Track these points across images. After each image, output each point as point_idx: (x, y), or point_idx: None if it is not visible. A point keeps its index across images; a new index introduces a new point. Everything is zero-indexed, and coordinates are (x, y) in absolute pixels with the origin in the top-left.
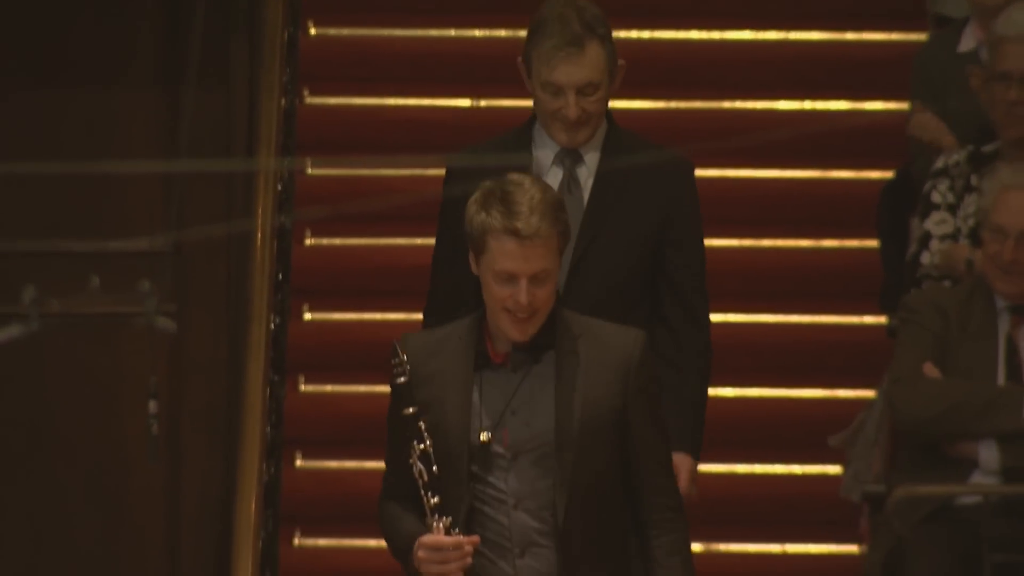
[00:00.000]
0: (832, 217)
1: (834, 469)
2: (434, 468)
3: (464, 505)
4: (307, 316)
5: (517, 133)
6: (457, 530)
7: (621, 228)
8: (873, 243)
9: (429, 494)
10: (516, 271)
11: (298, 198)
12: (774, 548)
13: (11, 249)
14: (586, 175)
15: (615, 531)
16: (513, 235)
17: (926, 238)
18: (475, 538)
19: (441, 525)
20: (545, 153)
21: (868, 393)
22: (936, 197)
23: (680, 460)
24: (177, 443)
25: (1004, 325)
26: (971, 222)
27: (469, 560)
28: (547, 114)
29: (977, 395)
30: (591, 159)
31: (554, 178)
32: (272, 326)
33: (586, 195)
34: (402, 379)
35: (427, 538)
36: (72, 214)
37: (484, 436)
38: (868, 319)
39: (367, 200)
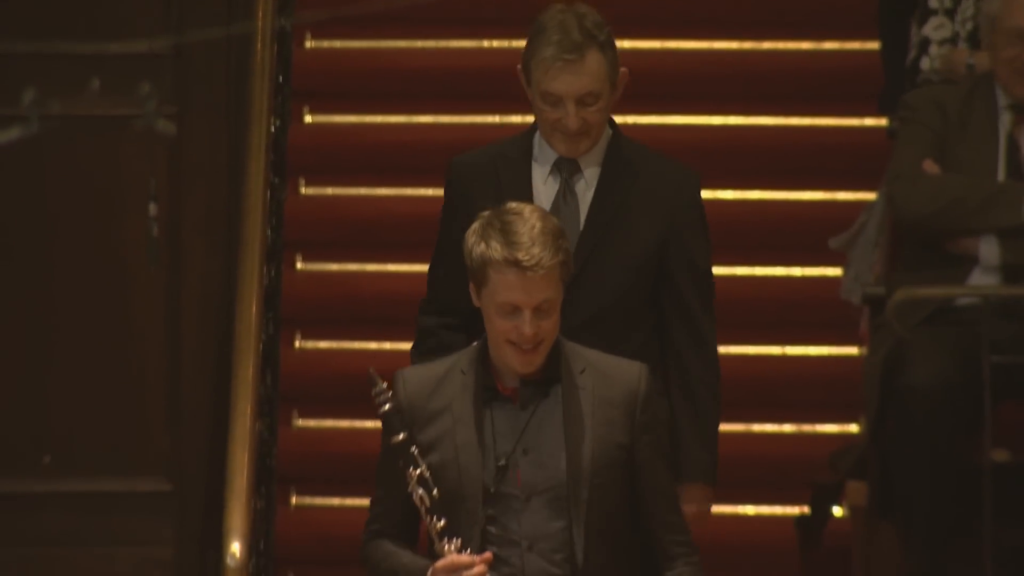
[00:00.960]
0: (833, 19)
1: (834, 271)
2: (434, 492)
3: (476, 545)
4: (307, 119)
5: (516, 141)
6: (469, 550)
7: (621, 243)
8: (874, 45)
9: (434, 518)
10: (519, 303)
11: (299, 0)
12: (774, 350)
13: (11, 51)
14: (584, 187)
15: (630, 569)
16: (514, 266)
17: (925, 43)
18: (488, 555)
19: (452, 547)
20: (543, 162)
21: (868, 195)
22: (933, 2)
23: (695, 490)
24: (177, 247)
25: (1005, 124)
26: (969, 26)
27: None
28: (547, 124)
29: (976, 190)
30: (591, 171)
31: (550, 188)
32: (272, 129)
33: (584, 208)
34: (387, 407)
35: (442, 562)
36: (73, 16)
37: (501, 463)
38: (868, 121)
39: (368, 2)
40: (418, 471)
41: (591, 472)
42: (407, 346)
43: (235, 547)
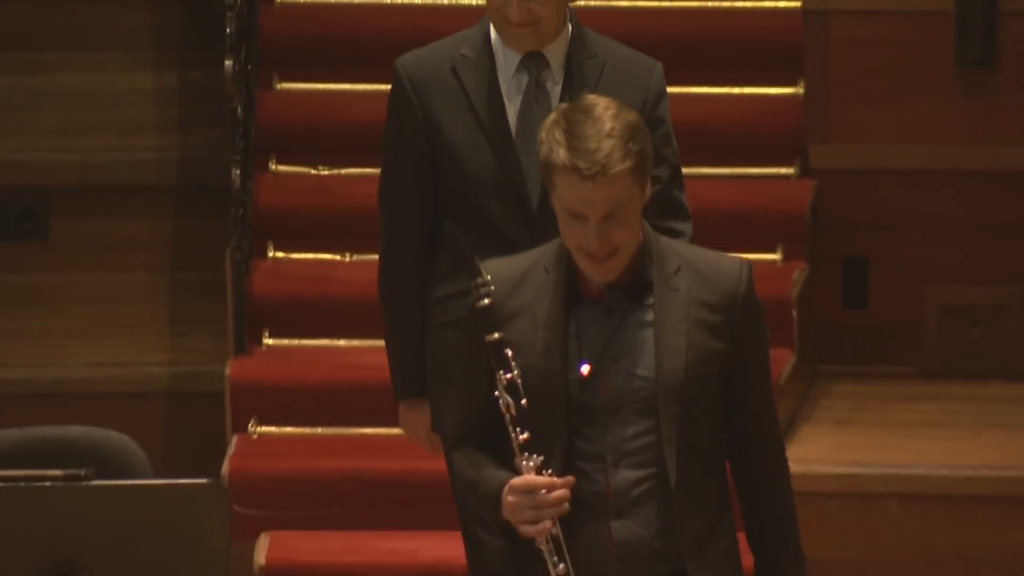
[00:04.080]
0: None
1: None
2: (523, 401)
3: (559, 460)
4: None
5: (469, 37)
6: (550, 471)
7: None
8: None
9: (518, 430)
10: (584, 211)
11: None
12: None
13: None
14: (552, 83)
15: (719, 488)
16: (576, 172)
17: None
18: (570, 479)
19: (532, 464)
20: (508, 60)
21: None
22: None
23: None
24: None
25: None
26: None
27: (567, 506)
28: (495, 15)
29: None
30: (556, 62)
31: (519, 84)
32: None
33: (555, 102)
34: (485, 301)
35: (517, 480)
36: None
37: (586, 370)
38: None
39: None
40: (508, 376)
41: (684, 383)
42: None
43: None
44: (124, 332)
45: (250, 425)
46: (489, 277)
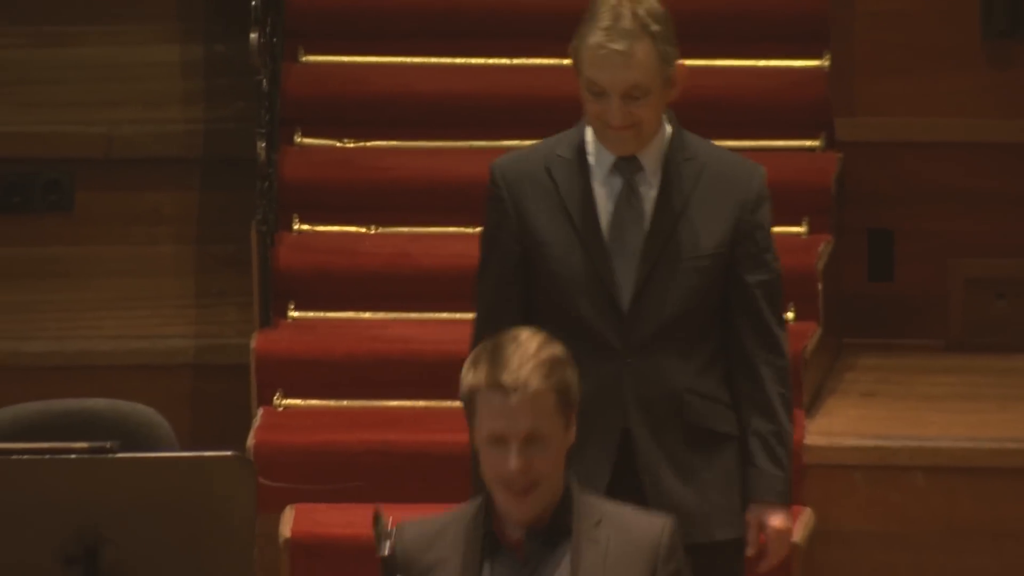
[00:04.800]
0: None
1: None
2: None
3: None
4: None
5: (565, 139)
6: None
7: (690, 244)
8: None
9: None
10: (503, 432)
11: None
12: None
13: None
14: (647, 187)
15: None
16: (497, 389)
17: None
18: None
19: None
20: (601, 162)
21: None
22: None
23: (765, 510)
24: None
25: None
26: None
27: None
28: (593, 117)
29: None
30: (653, 168)
31: (612, 189)
32: None
33: (648, 208)
34: (386, 551)
35: None
36: None
37: None
38: None
39: None
40: None
41: None
42: None
43: None
44: (149, 304)
45: (275, 398)
46: (390, 523)
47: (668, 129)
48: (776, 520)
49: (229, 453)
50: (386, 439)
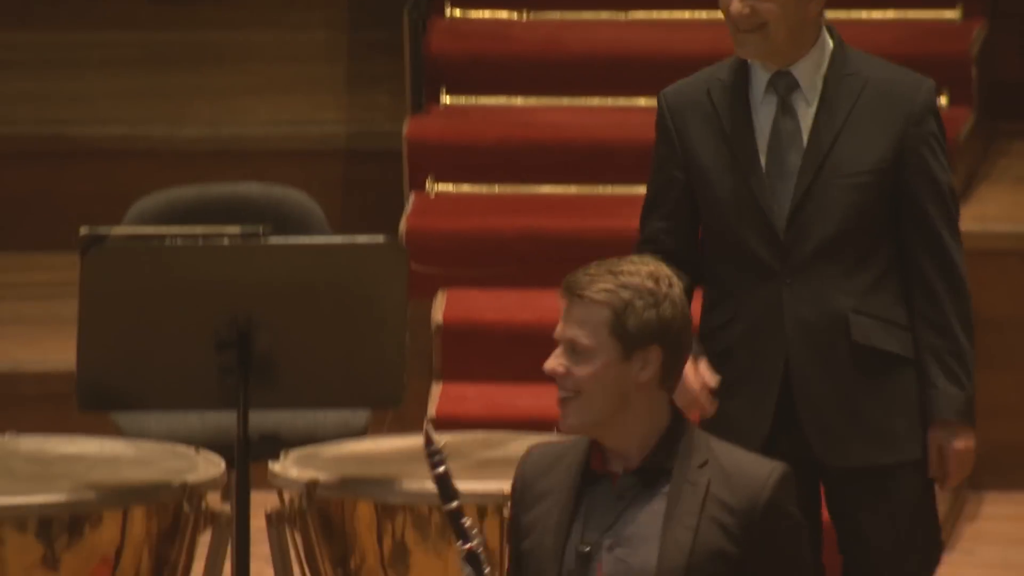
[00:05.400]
0: None
1: None
2: (487, 570)
3: None
4: None
5: (728, 63)
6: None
7: (850, 160)
8: None
9: None
10: (557, 332)
11: None
12: None
13: None
14: (804, 104)
15: None
16: (563, 294)
17: None
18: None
19: None
20: (757, 82)
21: None
22: None
23: (945, 430)
24: None
25: None
26: None
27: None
28: (727, 21)
29: None
30: (810, 84)
31: (768, 107)
32: None
33: (806, 125)
34: (440, 469)
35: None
36: None
37: (585, 550)
38: None
39: None
40: (468, 546)
41: None
42: None
43: None
44: (302, 90)
45: (427, 183)
46: (443, 443)
47: (830, 44)
48: (958, 442)
49: (381, 238)
50: (537, 225)
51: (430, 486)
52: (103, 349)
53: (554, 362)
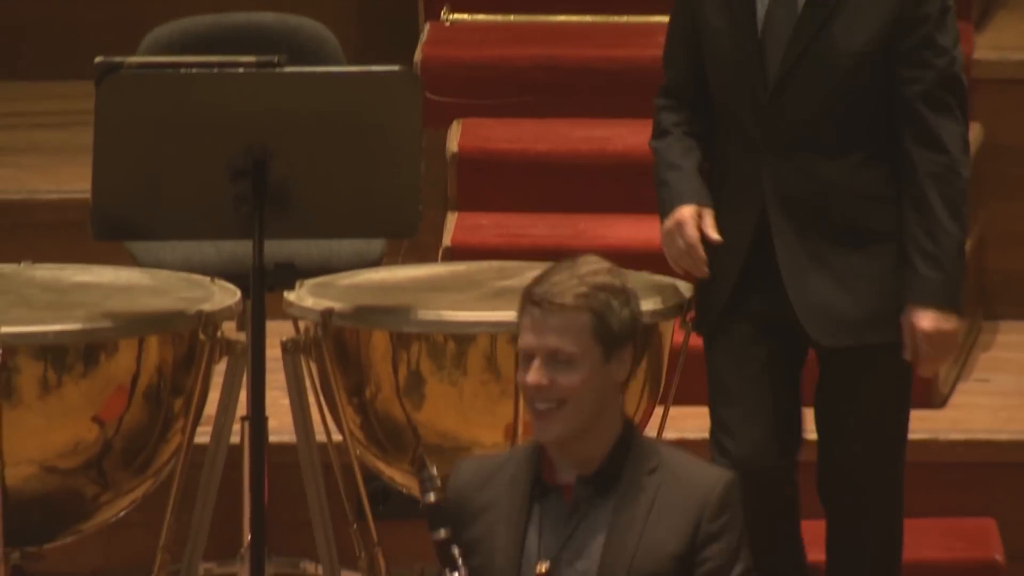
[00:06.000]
0: None
1: None
2: None
3: None
4: None
5: None
6: None
7: (843, 30)
8: None
9: None
10: (530, 346)
11: None
12: None
13: None
14: None
15: None
16: (532, 304)
17: None
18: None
19: None
20: None
21: None
22: None
23: (920, 317)
24: None
25: None
26: None
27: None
28: None
29: None
30: None
31: None
32: None
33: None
34: (431, 498)
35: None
36: None
37: (542, 571)
38: None
39: None
40: (454, 575)
41: None
42: None
43: None
44: None
45: (443, 12)
46: (435, 471)
47: None
48: (925, 322)
49: (396, 68)
50: (554, 54)
51: (447, 315)
52: (118, 178)
53: (537, 375)
